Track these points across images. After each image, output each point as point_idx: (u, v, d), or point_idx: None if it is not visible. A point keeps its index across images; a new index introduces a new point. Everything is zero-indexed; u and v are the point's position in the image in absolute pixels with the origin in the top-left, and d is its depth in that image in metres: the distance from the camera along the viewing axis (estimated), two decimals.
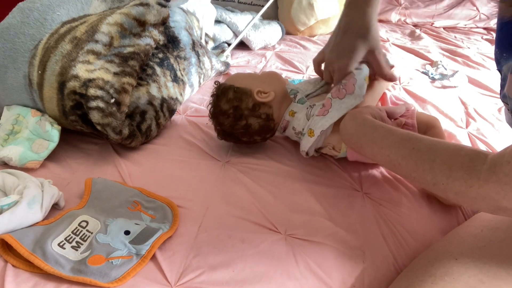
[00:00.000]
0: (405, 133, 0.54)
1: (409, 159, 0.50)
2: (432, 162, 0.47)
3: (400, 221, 0.62)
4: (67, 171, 0.73)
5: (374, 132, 0.57)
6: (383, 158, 0.55)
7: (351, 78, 0.67)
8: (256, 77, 0.77)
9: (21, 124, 0.77)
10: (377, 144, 0.55)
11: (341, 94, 0.66)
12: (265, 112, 0.72)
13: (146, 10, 0.85)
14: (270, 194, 0.66)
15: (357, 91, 0.66)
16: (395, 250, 0.58)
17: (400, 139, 0.53)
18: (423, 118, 0.70)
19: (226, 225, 0.61)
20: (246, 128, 0.72)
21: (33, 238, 0.55)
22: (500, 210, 0.43)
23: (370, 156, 0.59)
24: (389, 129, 0.56)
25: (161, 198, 0.64)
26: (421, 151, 0.49)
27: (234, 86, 0.73)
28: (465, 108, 0.95)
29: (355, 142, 0.60)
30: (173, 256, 0.55)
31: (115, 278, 0.51)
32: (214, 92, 0.76)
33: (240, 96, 0.72)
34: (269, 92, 0.72)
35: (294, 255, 0.56)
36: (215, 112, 0.74)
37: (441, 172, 0.46)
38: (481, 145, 0.80)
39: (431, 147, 0.49)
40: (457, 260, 0.49)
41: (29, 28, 0.76)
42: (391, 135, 0.54)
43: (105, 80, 0.71)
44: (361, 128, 0.59)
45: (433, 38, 1.44)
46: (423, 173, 0.48)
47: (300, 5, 1.35)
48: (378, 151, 0.55)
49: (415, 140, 0.51)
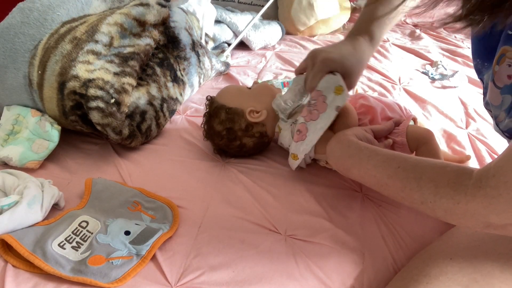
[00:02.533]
0: (390, 152, 0.54)
1: (395, 178, 0.50)
2: (418, 180, 0.47)
3: (400, 222, 0.62)
4: (67, 171, 0.73)
5: (359, 154, 0.56)
6: (370, 180, 0.55)
7: (319, 96, 0.64)
8: (248, 95, 0.74)
9: (21, 124, 0.77)
10: (363, 165, 0.55)
11: (314, 116, 0.64)
12: (258, 131, 0.72)
13: (146, 10, 0.85)
14: (270, 195, 0.66)
15: (329, 107, 0.63)
16: (395, 251, 0.58)
17: (385, 159, 0.52)
18: (414, 134, 0.66)
19: (226, 225, 0.61)
20: (241, 147, 0.73)
21: (33, 238, 0.55)
22: (490, 226, 0.43)
23: (358, 178, 0.59)
24: (374, 149, 0.55)
25: (161, 199, 0.64)
26: (406, 170, 0.49)
27: (226, 107, 0.71)
28: (465, 108, 0.95)
29: (341, 165, 0.59)
30: (173, 256, 0.55)
31: (115, 278, 0.51)
32: (206, 110, 0.75)
33: (232, 117, 0.71)
34: (261, 111, 0.71)
35: (294, 255, 0.56)
36: (209, 133, 0.74)
37: (428, 189, 0.46)
38: (480, 146, 0.81)
39: (416, 165, 0.49)
40: (451, 260, 0.49)
41: (29, 28, 0.76)
42: (376, 155, 0.54)
43: (105, 80, 0.71)
44: (346, 150, 0.58)
45: (433, 38, 1.44)
46: (410, 192, 0.48)
47: (300, 5, 1.35)
48: (364, 172, 0.55)
49: (399, 159, 0.51)
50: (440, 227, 0.62)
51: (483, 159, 0.77)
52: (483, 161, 0.76)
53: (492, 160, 0.76)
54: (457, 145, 0.80)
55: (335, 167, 0.62)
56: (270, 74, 1.10)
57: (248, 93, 0.74)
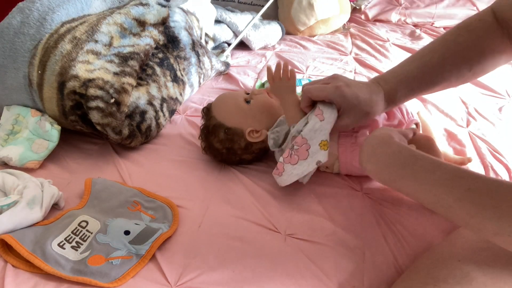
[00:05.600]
0: (456, 168, 0.45)
1: (465, 202, 0.42)
2: (496, 208, 0.40)
3: (400, 221, 0.62)
4: (67, 171, 0.73)
5: (414, 164, 0.47)
6: (427, 198, 0.46)
7: (304, 143, 0.60)
8: (247, 113, 0.70)
9: (21, 124, 0.77)
10: (419, 180, 0.47)
11: (293, 160, 0.61)
12: (258, 148, 0.71)
13: (146, 10, 0.85)
14: (270, 194, 0.66)
15: (310, 157, 0.60)
16: (396, 250, 0.58)
17: (451, 176, 0.44)
18: (414, 142, 0.61)
19: (226, 225, 0.61)
20: (240, 161, 0.73)
21: (33, 238, 0.55)
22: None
23: (407, 193, 0.51)
24: (434, 161, 0.47)
25: (161, 198, 0.64)
26: (480, 194, 0.42)
27: (225, 126, 0.69)
28: (466, 107, 0.95)
29: (387, 174, 0.50)
30: (173, 256, 0.55)
31: (115, 278, 0.51)
32: (203, 125, 0.73)
33: (231, 137, 0.69)
34: (261, 130, 0.69)
35: (293, 255, 0.56)
36: (208, 148, 0.73)
37: (508, 222, 0.39)
38: (481, 144, 0.80)
39: (492, 189, 0.41)
40: (460, 262, 0.47)
41: (29, 28, 0.76)
42: (439, 170, 0.45)
43: (105, 80, 0.71)
44: (397, 157, 0.49)
45: (433, 38, 1.43)
46: (482, 220, 0.41)
47: (300, 5, 1.35)
48: (420, 188, 0.47)
49: (469, 178, 0.43)
50: (441, 226, 0.61)
51: (484, 157, 0.77)
52: (484, 159, 0.76)
53: (494, 157, 0.76)
54: (458, 144, 0.80)
55: (374, 176, 0.54)
56: None
57: (247, 111, 0.70)
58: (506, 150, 0.79)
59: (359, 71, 1.12)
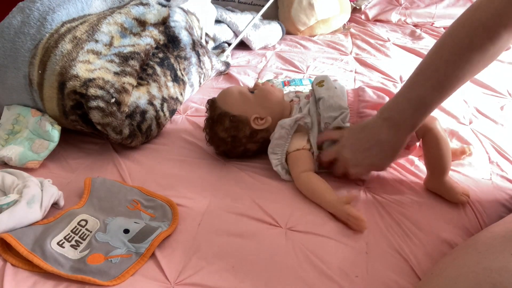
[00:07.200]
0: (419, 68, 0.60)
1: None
2: None
3: (403, 212, 0.62)
4: (67, 171, 0.73)
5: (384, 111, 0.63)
6: None
7: None
8: (251, 100, 0.72)
9: (21, 124, 0.77)
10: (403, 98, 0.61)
11: None
12: (262, 136, 0.71)
13: (146, 10, 0.85)
14: (271, 192, 0.66)
15: None
16: (400, 239, 0.57)
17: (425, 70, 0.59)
18: None
19: (225, 222, 0.60)
20: (245, 152, 0.73)
21: (33, 237, 0.55)
22: None
23: None
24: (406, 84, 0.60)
25: (161, 197, 0.64)
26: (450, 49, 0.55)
27: (230, 114, 0.70)
28: (467, 106, 0.95)
29: None
30: (173, 254, 0.55)
31: (114, 276, 0.51)
32: (208, 115, 0.74)
33: (237, 125, 0.70)
34: (266, 117, 0.70)
35: (294, 248, 0.56)
36: (213, 139, 0.73)
37: None
38: (485, 141, 0.80)
39: None
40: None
41: (29, 28, 0.76)
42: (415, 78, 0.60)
43: (105, 79, 0.71)
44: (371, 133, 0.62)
45: (433, 38, 1.43)
46: None
47: (300, 5, 1.35)
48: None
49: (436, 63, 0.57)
50: (444, 216, 0.61)
51: (488, 152, 0.77)
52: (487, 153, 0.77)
53: (498, 153, 0.76)
54: (461, 142, 0.80)
55: None
56: (270, 73, 1.10)
57: (252, 99, 0.72)
58: (510, 147, 0.79)
59: (359, 71, 1.12)
